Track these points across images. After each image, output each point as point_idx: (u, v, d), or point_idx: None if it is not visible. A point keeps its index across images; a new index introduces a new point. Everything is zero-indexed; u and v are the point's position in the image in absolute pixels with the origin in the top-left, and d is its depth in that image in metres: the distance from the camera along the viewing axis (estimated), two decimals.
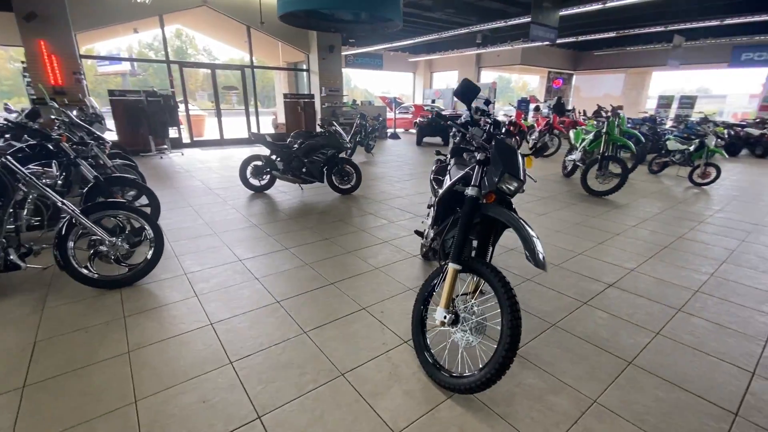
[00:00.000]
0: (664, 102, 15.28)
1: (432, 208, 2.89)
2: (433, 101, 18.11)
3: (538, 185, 6.34)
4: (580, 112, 12.07)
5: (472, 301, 1.92)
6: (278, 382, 1.89)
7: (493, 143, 1.93)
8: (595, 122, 7.90)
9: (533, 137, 10.13)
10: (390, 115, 14.70)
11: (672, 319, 2.49)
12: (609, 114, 6.75)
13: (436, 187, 2.95)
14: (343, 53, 14.55)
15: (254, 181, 5.77)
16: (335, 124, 5.77)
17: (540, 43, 13.85)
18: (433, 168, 3.21)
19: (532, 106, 15.51)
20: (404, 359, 2.08)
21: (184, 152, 9.45)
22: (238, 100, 20.33)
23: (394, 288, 2.85)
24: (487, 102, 2.75)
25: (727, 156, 7.35)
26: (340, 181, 5.66)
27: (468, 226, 1.90)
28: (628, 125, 8.58)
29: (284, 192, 5.76)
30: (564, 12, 7.48)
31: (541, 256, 1.66)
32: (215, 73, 10.87)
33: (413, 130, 15.93)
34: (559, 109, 13.34)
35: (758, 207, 5.24)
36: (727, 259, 3.44)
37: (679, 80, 17.51)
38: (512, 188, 1.86)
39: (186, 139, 10.52)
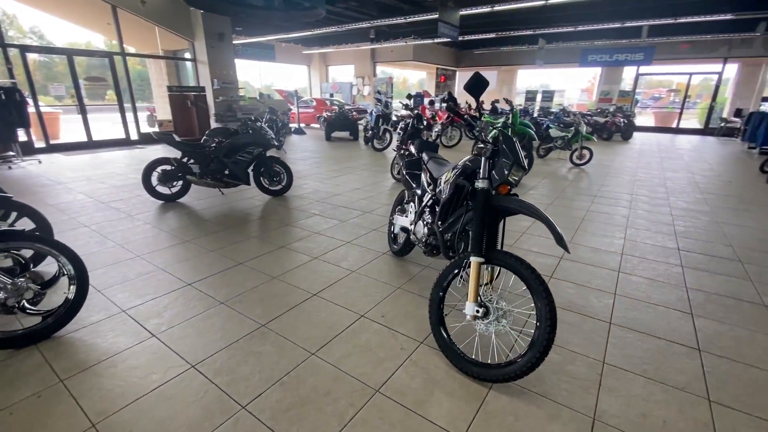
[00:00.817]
0: (531, 96, 17.82)
1: (412, 204, 2.86)
2: (332, 95, 17.90)
3: None
4: (470, 105, 13.30)
5: (494, 291, 1.96)
6: (311, 416, 1.66)
7: (500, 137, 1.97)
8: (492, 115, 8.80)
9: (436, 129, 10.82)
10: (293, 109, 14.03)
11: (619, 280, 2.94)
12: (510, 108, 7.66)
13: (412, 183, 2.91)
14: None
15: (163, 189, 4.92)
16: (257, 119, 5.25)
17: (430, 41, 14.81)
18: (401, 163, 3.16)
19: (426, 100, 16.52)
20: (430, 360, 2.02)
21: (42, 159, 7.52)
22: (102, 94, 17.06)
23: (383, 289, 2.74)
24: (409, 96, 2.85)
25: (595, 140, 8.91)
26: (270, 182, 5.20)
27: (484, 218, 1.93)
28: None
29: (200, 199, 5.04)
30: (461, 12, 8.10)
31: (565, 240, 1.77)
32: (73, 61, 8.86)
33: (316, 125, 15.55)
34: (452, 102, 14.49)
35: (625, 180, 6.52)
36: (628, 225, 4.21)
37: (537, 77, 20.59)
38: (518, 178, 1.95)
39: (39, 143, 8.39)
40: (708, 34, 12.55)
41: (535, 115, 13.46)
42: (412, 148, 3.00)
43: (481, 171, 1.97)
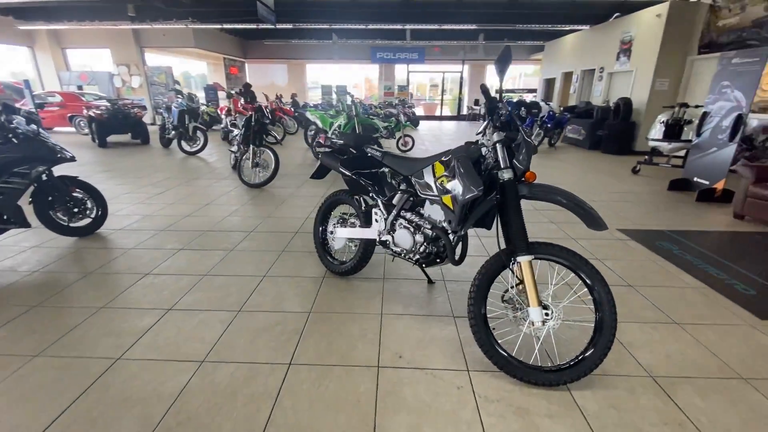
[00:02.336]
0: (327, 90, 18.46)
1: (377, 210, 2.35)
2: (81, 87, 13.40)
3: (303, 171, 6.30)
4: (279, 98, 12.60)
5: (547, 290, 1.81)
6: None
7: (518, 123, 1.79)
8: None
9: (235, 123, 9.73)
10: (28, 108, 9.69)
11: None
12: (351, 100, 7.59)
13: (368, 186, 2.37)
14: None
15: None
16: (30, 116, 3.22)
17: (213, 26, 13.01)
18: (334, 164, 2.54)
19: (221, 93, 14.64)
20: (494, 386, 1.71)
21: None
22: None
23: (390, 323, 2.17)
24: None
25: (415, 128, 9.97)
26: (70, 216, 3.37)
27: (520, 211, 1.74)
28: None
29: None
30: None
31: (601, 219, 1.76)
32: None
33: (68, 128, 11.37)
34: (250, 95, 13.34)
35: None
36: None
37: (324, 72, 21.46)
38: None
39: None
40: (452, 40, 16.02)
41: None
42: (323, 142, 2.46)
43: (502, 160, 1.75)
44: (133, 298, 2.41)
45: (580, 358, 1.71)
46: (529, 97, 14.12)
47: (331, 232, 2.67)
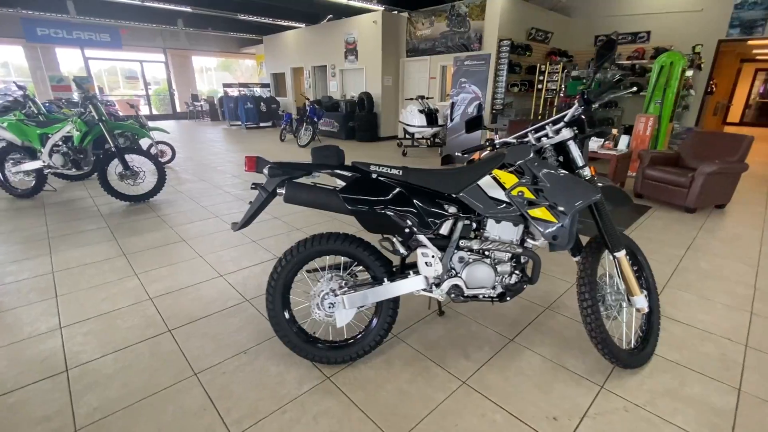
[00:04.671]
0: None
1: (424, 251, 1.69)
2: None
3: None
4: None
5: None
6: None
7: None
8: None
9: None
10: None
11: None
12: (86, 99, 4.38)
13: (405, 221, 1.61)
14: None
15: None
16: None
17: None
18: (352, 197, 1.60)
19: None
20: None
21: None
22: None
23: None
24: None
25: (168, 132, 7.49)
26: None
27: (606, 208, 1.75)
28: None
29: None
30: None
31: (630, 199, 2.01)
32: None
33: None
34: None
35: (205, 167, 6.43)
36: None
37: None
38: None
39: None
40: (147, 23, 13.06)
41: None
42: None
43: (579, 158, 1.70)
44: None
45: (642, 341, 1.92)
46: (263, 93, 13.76)
47: (331, 306, 1.73)
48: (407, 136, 8.08)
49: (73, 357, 1.86)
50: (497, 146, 1.96)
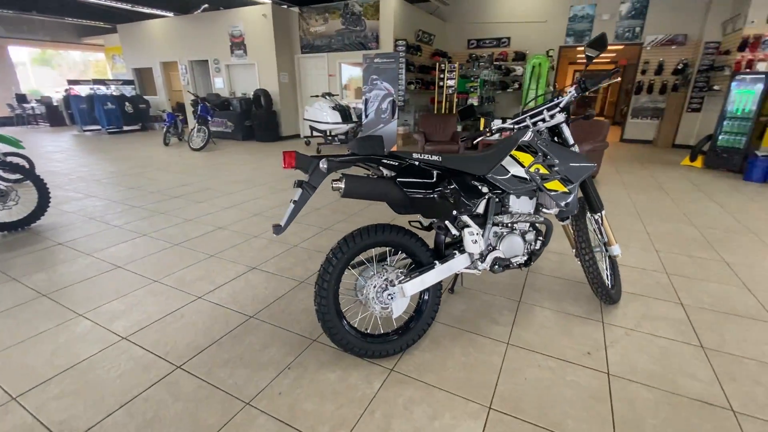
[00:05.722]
0: None
1: (468, 230, 1.80)
2: None
3: None
4: None
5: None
6: None
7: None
8: None
9: None
10: None
11: None
12: None
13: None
14: None
15: None
16: None
17: None
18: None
19: None
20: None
21: None
22: None
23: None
24: None
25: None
26: None
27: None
28: None
29: None
30: None
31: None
32: None
33: None
34: None
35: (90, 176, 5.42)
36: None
37: None
38: None
39: None
40: None
41: None
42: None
43: (570, 138, 2.06)
44: None
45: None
46: (126, 91, 11.66)
47: (391, 296, 1.71)
48: (317, 133, 7.95)
49: (67, 428, 1.43)
50: (494, 132, 2.19)
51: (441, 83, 7.70)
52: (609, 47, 9.60)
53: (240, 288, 2.45)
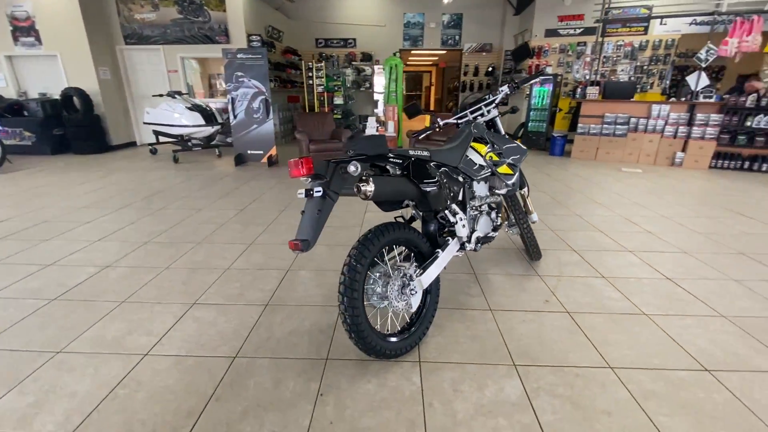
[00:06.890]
0: None
1: (457, 214, 1.97)
2: None
3: None
4: None
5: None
6: None
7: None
8: None
9: None
10: None
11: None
12: None
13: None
14: None
15: None
16: None
17: None
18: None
19: None
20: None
21: None
22: None
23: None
24: None
25: None
26: None
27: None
28: None
29: None
30: None
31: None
32: None
33: None
34: None
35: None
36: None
37: None
38: None
39: None
40: None
41: None
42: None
43: (503, 129, 2.47)
44: None
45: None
46: None
47: (413, 290, 1.74)
48: (166, 139, 6.78)
49: None
50: (441, 127, 2.42)
51: (310, 81, 7.60)
52: (433, 51, 11.32)
53: (193, 330, 2.02)
